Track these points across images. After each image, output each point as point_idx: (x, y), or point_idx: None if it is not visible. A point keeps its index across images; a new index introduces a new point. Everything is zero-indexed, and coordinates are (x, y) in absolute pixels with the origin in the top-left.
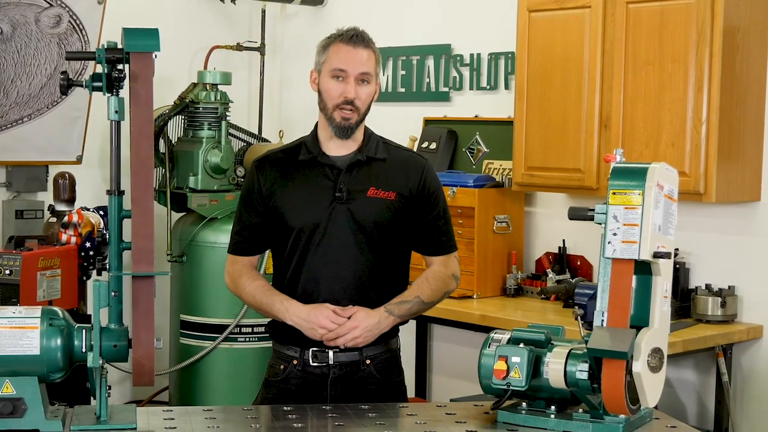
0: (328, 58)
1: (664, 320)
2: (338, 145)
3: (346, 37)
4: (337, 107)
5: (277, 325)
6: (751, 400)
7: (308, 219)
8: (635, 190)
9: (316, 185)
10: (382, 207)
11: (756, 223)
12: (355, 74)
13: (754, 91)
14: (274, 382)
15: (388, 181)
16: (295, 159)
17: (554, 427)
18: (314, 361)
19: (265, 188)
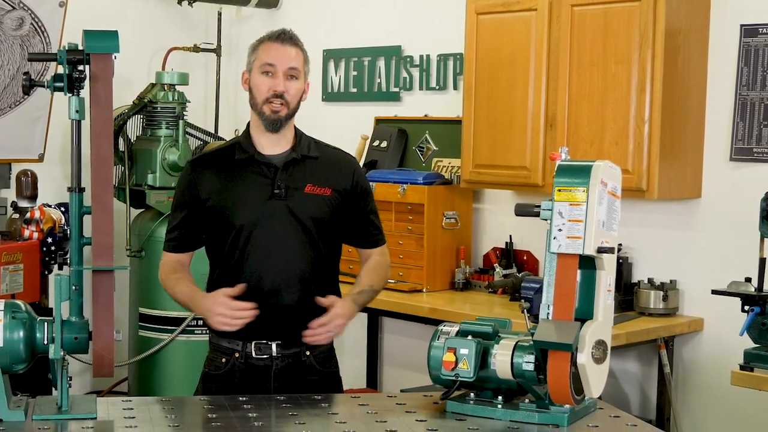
0: (258, 57)
1: (608, 313)
2: (272, 144)
3: (274, 35)
4: (266, 101)
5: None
6: (692, 391)
7: (248, 216)
8: (580, 187)
9: (254, 183)
10: (320, 203)
11: (697, 219)
12: (283, 69)
13: (695, 91)
14: (215, 376)
15: (323, 178)
16: (231, 158)
17: (501, 417)
18: (257, 353)
19: (202, 188)
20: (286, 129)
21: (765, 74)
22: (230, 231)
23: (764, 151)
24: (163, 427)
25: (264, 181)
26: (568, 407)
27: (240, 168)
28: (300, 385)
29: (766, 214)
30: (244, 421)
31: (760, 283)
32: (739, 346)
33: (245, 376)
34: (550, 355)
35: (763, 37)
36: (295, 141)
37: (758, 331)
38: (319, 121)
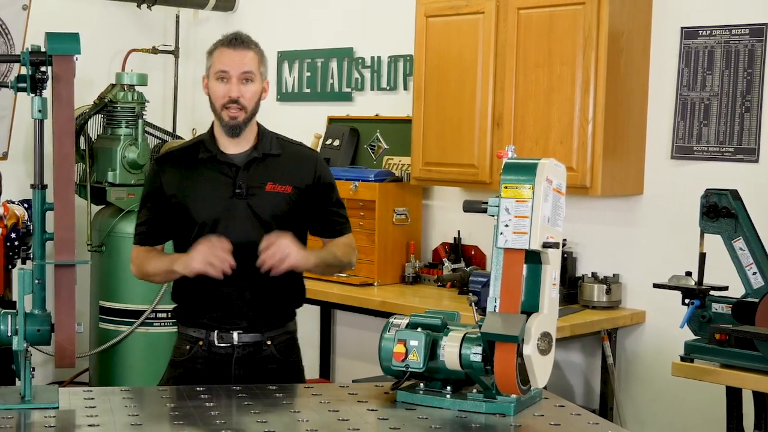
0: (213, 63)
1: (553, 306)
2: (233, 143)
3: (226, 41)
4: (223, 107)
5: (183, 308)
6: (634, 381)
7: (210, 214)
8: (526, 185)
9: (217, 182)
10: (280, 200)
11: (639, 215)
12: (237, 74)
13: (638, 92)
14: (180, 362)
15: (284, 175)
16: (195, 157)
17: (450, 407)
18: (219, 341)
19: (167, 184)
20: (248, 130)
21: (705, 75)
22: (193, 228)
23: (704, 149)
24: (123, 416)
25: (226, 180)
26: (515, 397)
27: (203, 167)
28: (260, 373)
29: (705, 210)
30: (201, 410)
31: (700, 277)
32: (680, 338)
33: (207, 363)
34: (497, 347)
35: (702, 39)
36: (257, 139)
37: (698, 324)
38: (273, 121)
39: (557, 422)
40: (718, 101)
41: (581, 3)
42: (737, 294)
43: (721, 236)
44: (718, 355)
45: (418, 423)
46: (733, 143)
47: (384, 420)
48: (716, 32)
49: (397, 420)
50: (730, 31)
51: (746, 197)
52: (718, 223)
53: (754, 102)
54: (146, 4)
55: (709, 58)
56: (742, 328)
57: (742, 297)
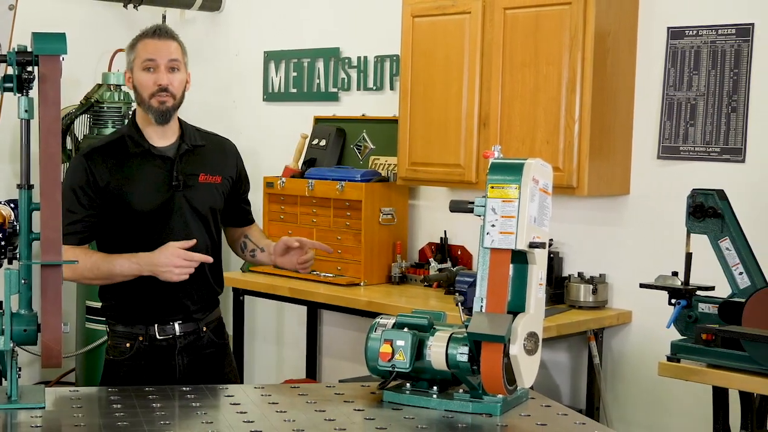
0: (137, 54)
1: (539, 306)
2: (160, 136)
3: (150, 32)
4: (152, 95)
5: (118, 305)
6: (621, 381)
7: (150, 207)
8: (512, 185)
9: (153, 175)
10: (213, 191)
11: (625, 215)
12: (164, 62)
13: (624, 92)
14: (121, 361)
15: (213, 166)
16: (126, 151)
17: (436, 407)
18: (161, 334)
19: (101, 179)
20: (173, 120)
21: (691, 75)
22: (132, 222)
23: (690, 149)
24: (108, 416)
25: (161, 173)
26: (501, 397)
27: (136, 160)
28: (200, 360)
29: (692, 210)
30: (187, 410)
31: (687, 277)
32: (666, 338)
33: (150, 357)
34: (483, 347)
35: (689, 39)
36: (180, 131)
37: (684, 324)
38: (260, 121)
39: (544, 422)
40: (704, 101)
41: (567, 3)
42: (724, 294)
43: (707, 236)
44: (705, 355)
45: (405, 423)
46: (719, 143)
47: (370, 420)
48: (702, 32)
49: (383, 420)
50: (716, 31)
51: (733, 197)
52: (704, 223)
53: (741, 102)
54: (133, 4)
55: (695, 58)
56: (729, 328)
57: (729, 297)
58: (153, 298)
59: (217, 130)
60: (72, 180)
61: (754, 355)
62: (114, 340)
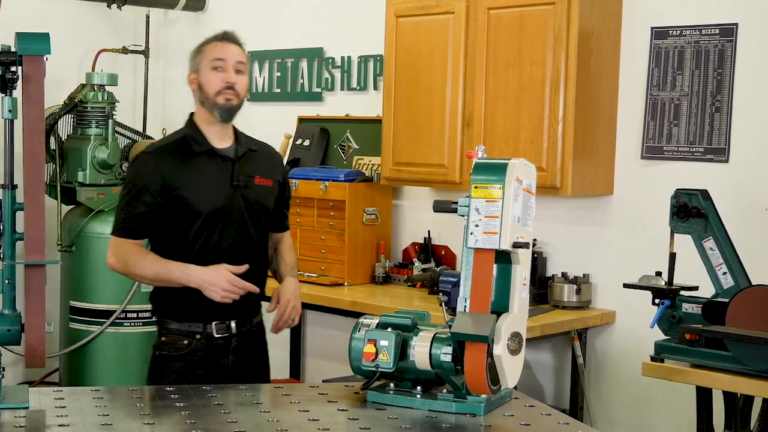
0: (204, 55)
1: (523, 306)
2: (220, 137)
3: (218, 36)
4: (219, 93)
5: (175, 304)
6: (604, 381)
7: (212, 205)
8: (496, 185)
9: (216, 175)
10: (266, 193)
11: (609, 215)
12: (232, 63)
13: (607, 92)
14: (179, 356)
15: (266, 170)
16: (190, 151)
17: (420, 407)
18: (218, 333)
19: (167, 177)
20: (231, 122)
21: (675, 75)
22: (195, 221)
23: (674, 149)
24: (92, 416)
25: (224, 174)
26: (485, 397)
27: (199, 160)
28: (252, 357)
29: (676, 210)
30: (171, 410)
31: (670, 277)
32: (650, 338)
33: (206, 355)
34: (467, 347)
35: (672, 39)
36: (235, 135)
37: (668, 324)
38: (243, 121)
39: (527, 422)
40: (688, 101)
41: (551, 3)
42: (707, 294)
43: (691, 236)
44: (689, 355)
45: (389, 423)
46: (703, 143)
47: (354, 420)
48: (686, 32)
49: (367, 420)
50: (700, 31)
51: (716, 197)
52: (688, 223)
53: (724, 102)
54: (116, 4)
55: (679, 58)
56: (713, 328)
57: (712, 297)
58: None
59: None
60: (137, 176)
61: (738, 355)
62: (170, 337)
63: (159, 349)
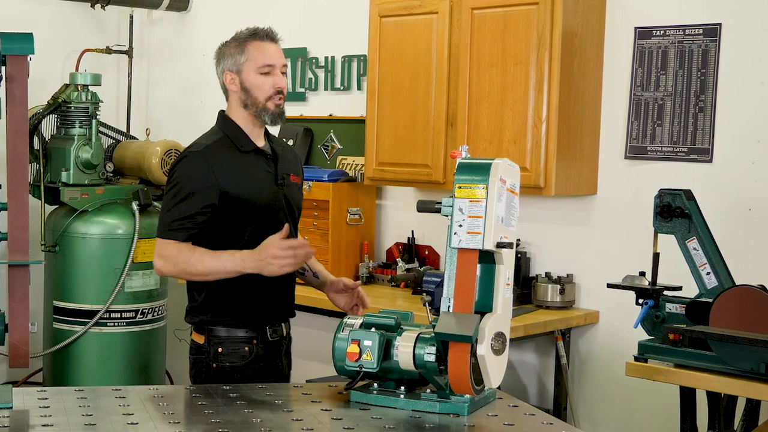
0: (250, 57)
1: (507, 306)
2: (256, 137)
3: (263, 34)
4: (269, 98)
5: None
6: (588, 381)
7: (263, 203)
8: (479, 185)
9: (263, 174)
10: (299, 190)
11: (593, 215)
12: (279, 66)
13: (591, 92)
14: (243, 366)
15: (295, 168)
16: (238, 150)
17: (404, 407)
18: (273, 336)
19: (220, 177)
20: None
21: (659, 75)
22: (249, 220)
23: (658, 149)
24: (76, 416)
25: (268, 171)
26: (469, 397)
27: (248, 159)
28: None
29: (659, 210)
30: (155, 410)
31: (654, 277)
32: (634, 338)
33: (264, 359)
34: (450, 347)
35: (656, 39)
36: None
37: (652, 324)
38: None
39: (511, 422)
40: (671, 101)
41: (535, 3)
42: (691, 294)
43: (674, 236)
44: (672, 355)
45: (372, 423)
46: (686, 143)
47: (338, 420)
48: (670, 32)
49: (351, 420)
50: (683, 31)
51: (700, 197)
52: (671, 223)
53: (708, 102)
54: (100, 4)
55: (662, 58)
56: (696, 328)
57: (696, 297)
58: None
59: (185, 130)
60: (187, 177)
61: (722, 355)
62: (228, 347)
63: (217, 361)
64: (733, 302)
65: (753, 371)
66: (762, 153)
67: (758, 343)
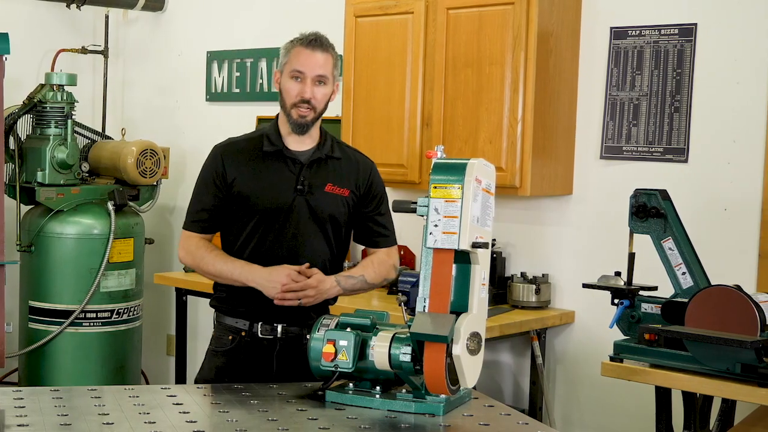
0: (289, 60)
1: (482, 306)
2: (297, 140)
3: (305, 41)
4: (294, 105)
5: (224, 298)
6: (564, 381)
7: (271, 206)
8: (455, 185)
9: (280, 175)
10: (338, 202)
11: (568, 215)
12: (312, 76)
13: (566, 92)
14: (221, 352)
15: (343, 178)
16: (259, 149)
17: (379, 407)
18: (264, 333)
19: (230, 173)
20: (313, 129)
21: (634, 75)
22: (252, 218)
23: (633, 149)
24: (52, 416)
25: (289, 176)
26: (444, 397)
27: (268, 159)
28: (299, 364)
29: (635, 210)
30: (130, 410)
31: (629, 277)
32: (609, 338)
33: (250, 354)
34: (426, 347)
35: (632, 39)
36: (320, 140)
37: (627, 324)
38: (203, 121)
39: (487, 422)
40: (647, 101)
41: (510, 3)
42: (666, 294)
43: (650, 236)
44: (648, 355)
45: (348, 423)
46: (662, 143)
47: (313, 420)
48: (645, 32)
49: (326, 420)
50: (659, 31)
51: (675, 197)
52: (647, 223)
53: (684, 102)
54: (75, 3)
55: (638, 58)
56: (672, 328)
57: (672, 297)
58: (263, 296)
59: (160, 130)
60: (205, 171)
61: (697, 355)
62: (218, 332)
63: (210, 343)
64: (708, 302)
65: (728, 371)
66: (737, 153)
67: (733, 343)
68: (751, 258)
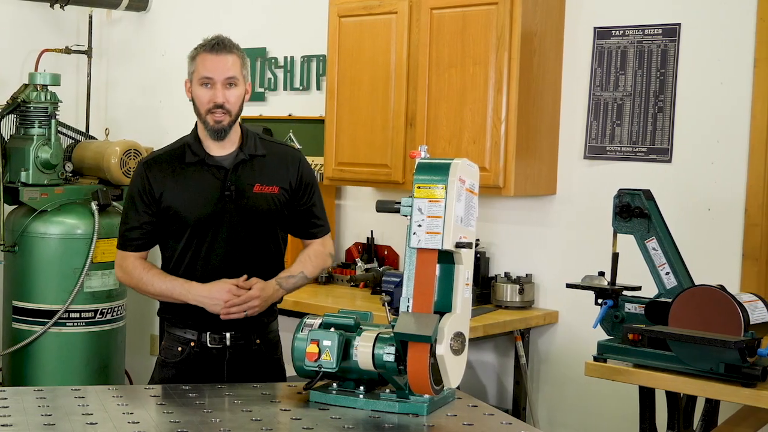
0: (196, 68)
1: (466, 306)
2: (218, 146)
3: (209, 46)
4: (208, 112)
5: (172, 309)
6: (547, 381)
7: (201, 216)
8: (439, 184)
9: (206, 184)
10: (268, 201)
11: (552, 215)
12: (221, 80)
13: (550, 92)
14: (172, 363)
15: (270, 176)
16: (182, 161)
17: (363, 407)
18: (212, 342)
19: (156, 188)
20: (232, 132)
21: (618, 75)
22: (185, 231)
23: (617, 149)
24: (35, 416)
25: (215, 183)
26: (428, 397)
27: (191, 170)
28: (250, 372)
29: (618, 210)
30: (113, 411)
31: (613, 277)
32: (593, 338)
33: (200, 364)
34: (410, 347)
35: (615, 39)
36: (241, 140)
37: (611, 324)
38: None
39: (470, 422)
40: (631, 101)
41: (494, 3)
42: (650, 294)
43: (634, 236)
44: (631, 355)
45: (331, 423)
46: (646, 143)
47: (297, 420)
48: (629, 32)
49: (310, 420)
50: (643, 31)
51: (659, 197)
52: (630, 223)
53: (667, 102)
54: (59, 3)
55: (622, 58)
56: (655, 328)
57: (655, 297)
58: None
59: (144, 130)
60: (132, 187)
61: (681, 355)
62: (168, 342)
63: (159, 353)
64: (692, 302)
65: (712, 371)
66: (721, 153)
67: (717, 344)
68: (735, 258)
